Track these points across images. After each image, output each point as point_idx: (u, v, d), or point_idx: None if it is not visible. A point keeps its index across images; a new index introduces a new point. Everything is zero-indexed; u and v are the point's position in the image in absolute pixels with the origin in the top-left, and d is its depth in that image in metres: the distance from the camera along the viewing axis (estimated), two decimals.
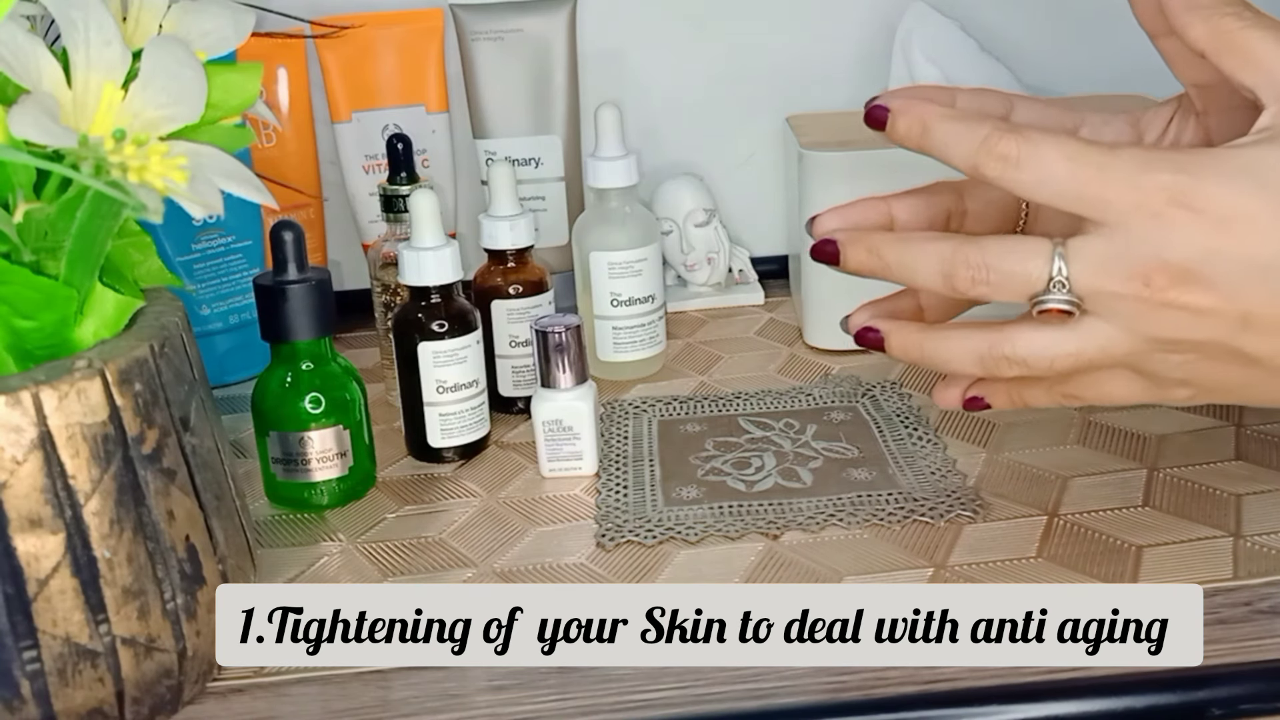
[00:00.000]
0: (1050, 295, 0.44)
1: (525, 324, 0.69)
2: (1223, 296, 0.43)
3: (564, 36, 0.81)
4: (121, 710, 0.43)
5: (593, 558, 0.55)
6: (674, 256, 0.86)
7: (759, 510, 0.58)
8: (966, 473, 0.60)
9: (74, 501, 0.41)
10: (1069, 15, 0.89)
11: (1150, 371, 0.46)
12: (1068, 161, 0.43)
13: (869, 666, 0.46)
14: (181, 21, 0.47)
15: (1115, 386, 0.47)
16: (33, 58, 0.41)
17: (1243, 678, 0.45)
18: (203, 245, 0.76)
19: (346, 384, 0.61)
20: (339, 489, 0.61)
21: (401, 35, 0.82)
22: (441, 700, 0.46)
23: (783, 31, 0.89)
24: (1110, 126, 0.52)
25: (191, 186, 0.41)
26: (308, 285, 0.59)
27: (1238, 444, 0.61)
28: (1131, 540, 0.53)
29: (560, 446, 0.62)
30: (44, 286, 0.42)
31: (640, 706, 0.45)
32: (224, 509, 0.47)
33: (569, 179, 0.82)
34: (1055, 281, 0.44)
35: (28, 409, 0.40)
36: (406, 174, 0.69)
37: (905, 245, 0.47)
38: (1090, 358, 0.45)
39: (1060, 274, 0.44)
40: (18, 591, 0.40)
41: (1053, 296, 0.44)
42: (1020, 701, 0.44)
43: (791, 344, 0.79)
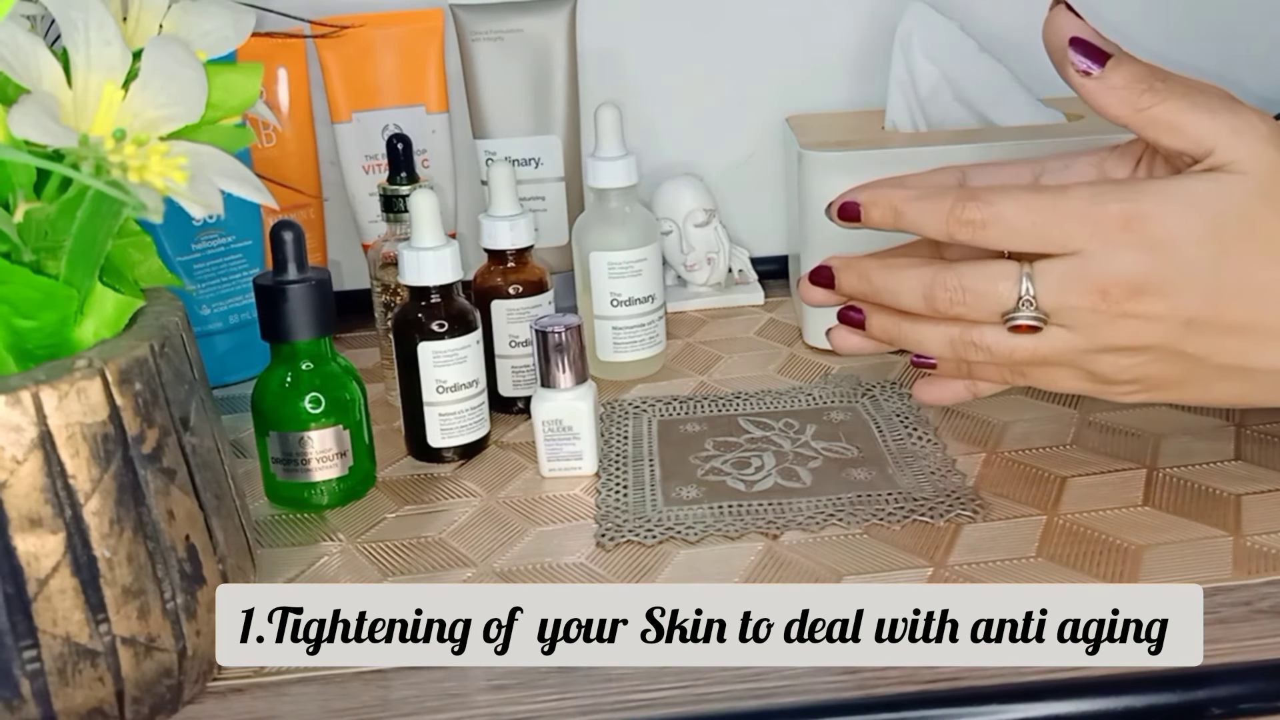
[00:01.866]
0: (1019, 313, 0.50)
1: (525, 324, 0.69)
2: (1169, 304, 0.49)
3: (564, 36, 0.81)
4: (121, 710, 0.43)
5: (593, 558, 0.55)
6: (674, 256, 0.86)
7: (759, 510, 0.58)
8: (966, 473, 0.60)
9: (74, 501, 0.41)
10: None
11: (1099, 373, 0.52)
12: (1026, 212, 0.50)
13: (869, 666, 0.46)
14: (181, 21, 0.47)
15: (1064, 379, 0.53)
16: (33, 57, 0.41)
17: (1243, 678, 0.45)
18: (203, 245, 0.76)
19: (346, 384, 0.61)
20: (339, 489, 0.61)
21: (401, 35, 0.82)
22: (441, 700, 0.46)
23: (783, 31, 0.89)
24: (1071, 170, 0.57)
25: (191, 186, 0.41)
26: (308, 285, 0.59)
27: (1238, 444, 0.61)
28: (1131, 540, 0.53)
29: (560, 446, 0.62)
30: (44, 286, 0.42)
31: (640, 706, 0.45)
32: (224, 509, 0.47)
33: (569, 179, 0.82)
34: (1023, 300, 0.50)
35: (28, 408, 0.40)
36: (406, 174, 0.69)
37: (889, 272, 0.53)
38: (1045, 355, 0.51)
39: (1028, 293, 0.50)
40: (18, 591, 0.40)
41: (1022, 314, 0.50)
42: (1020, 701, 0.44)
43: (791, 344, 0.79)
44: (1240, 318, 0.49)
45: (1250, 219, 0.49)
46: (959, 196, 0.51)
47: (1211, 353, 0.50)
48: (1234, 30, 0.91)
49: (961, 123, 0.78)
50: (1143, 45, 0.57)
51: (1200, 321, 0.49)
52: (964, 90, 0.79)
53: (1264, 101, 0.86)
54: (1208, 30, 0.90)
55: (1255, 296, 0.49)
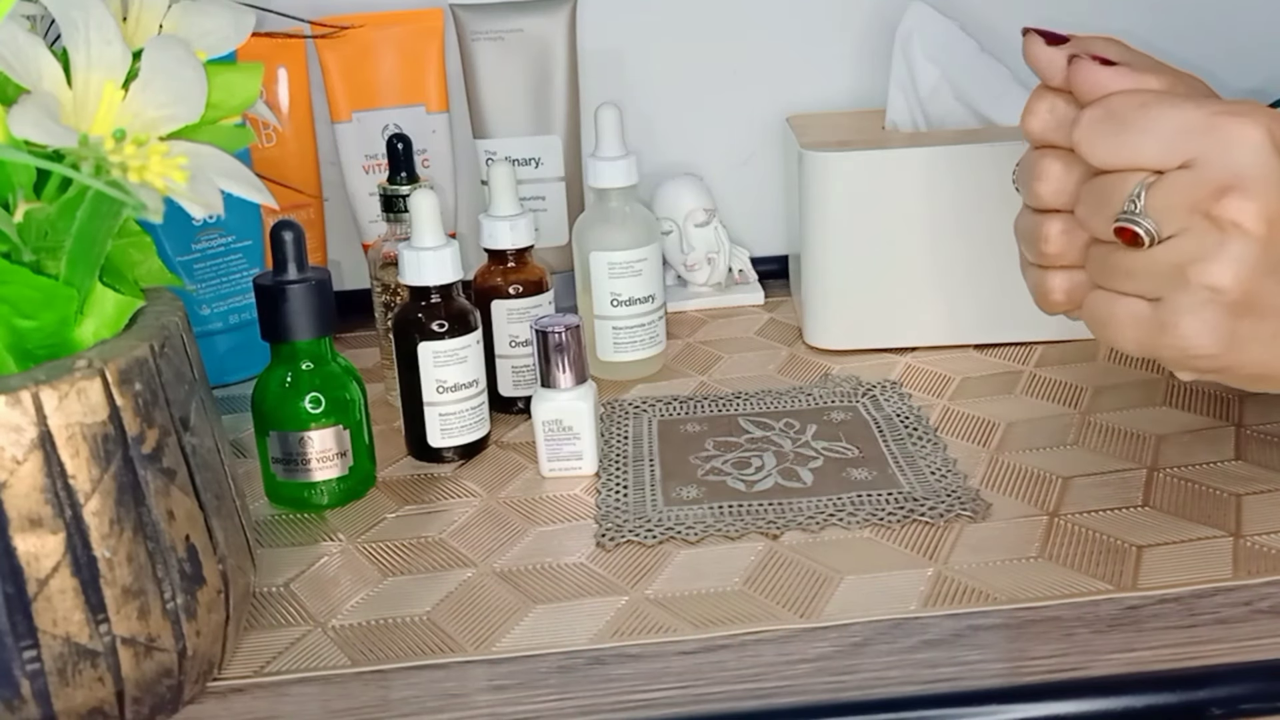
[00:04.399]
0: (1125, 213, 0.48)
1: (525, 324, 0.69)
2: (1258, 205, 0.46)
3: (564, 36, 0.81)
4: (122, 710, 0.43)
5: (593, 558, 0.55)
6: (674, 256, 0.86)
7: (759, 510, 0.58)
8: (966, 473, 0.60)
9: (74, 501, 0.41)
10: (1068, 15, 0.89)
11: (1178, 308, 0.47)
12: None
13: (869, 666, 0.46)
14: (182, 21, 0.47)
15: (1136, 315, 0.49)
16: (33, 57, 0.41)
17: (1243, 678, 0.45)
18: (203, 245, 0.76)
19: (346, 384, 0.61)
20: (339, 489, 0.61)
21: (401, 35, 0.82)
22: (441, 700, 0.46)
23: (783, 31, 0.89)
24: None
25: (192, 186, 0.41)
26: (308, 285, 0.59)
27: (1238, 444, 0.61)
28: (1131, 540, 0.53)
29: (560, 446, 0.62)
30: (44, 286, 0.42)
31: (640, 706, 0.45)
32: (224, 509, 0.47)
33: (569, 179, 0.82)
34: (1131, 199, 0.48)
35: (28, 409, 0.40)
36: (406, 174, 0.69)
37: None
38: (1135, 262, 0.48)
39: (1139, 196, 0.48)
40: (18, 591, 0.40)
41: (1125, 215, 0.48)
42: (1020, 701, 0.44)
43: (791, 344, 0.79)
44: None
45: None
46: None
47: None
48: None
49: (962, 122, 0.78)
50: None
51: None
52: (964, 90, 0.78)
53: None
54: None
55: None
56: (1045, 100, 0.52)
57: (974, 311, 0.75)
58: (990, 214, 0.70)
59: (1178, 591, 0.50)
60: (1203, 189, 0.46)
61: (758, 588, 0.52)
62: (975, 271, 0.73)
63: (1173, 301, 0.47)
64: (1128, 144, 0.48)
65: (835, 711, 0.45)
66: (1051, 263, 0.52)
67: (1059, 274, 0.52)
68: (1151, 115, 0.47)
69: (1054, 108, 0.52)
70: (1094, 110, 0.49)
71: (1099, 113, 0.49)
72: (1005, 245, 0.57)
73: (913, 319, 0.75)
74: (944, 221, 0.73)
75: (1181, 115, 0.47)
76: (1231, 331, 0.47)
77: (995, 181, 0.68)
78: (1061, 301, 0.53)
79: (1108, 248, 0.49)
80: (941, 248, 0.73)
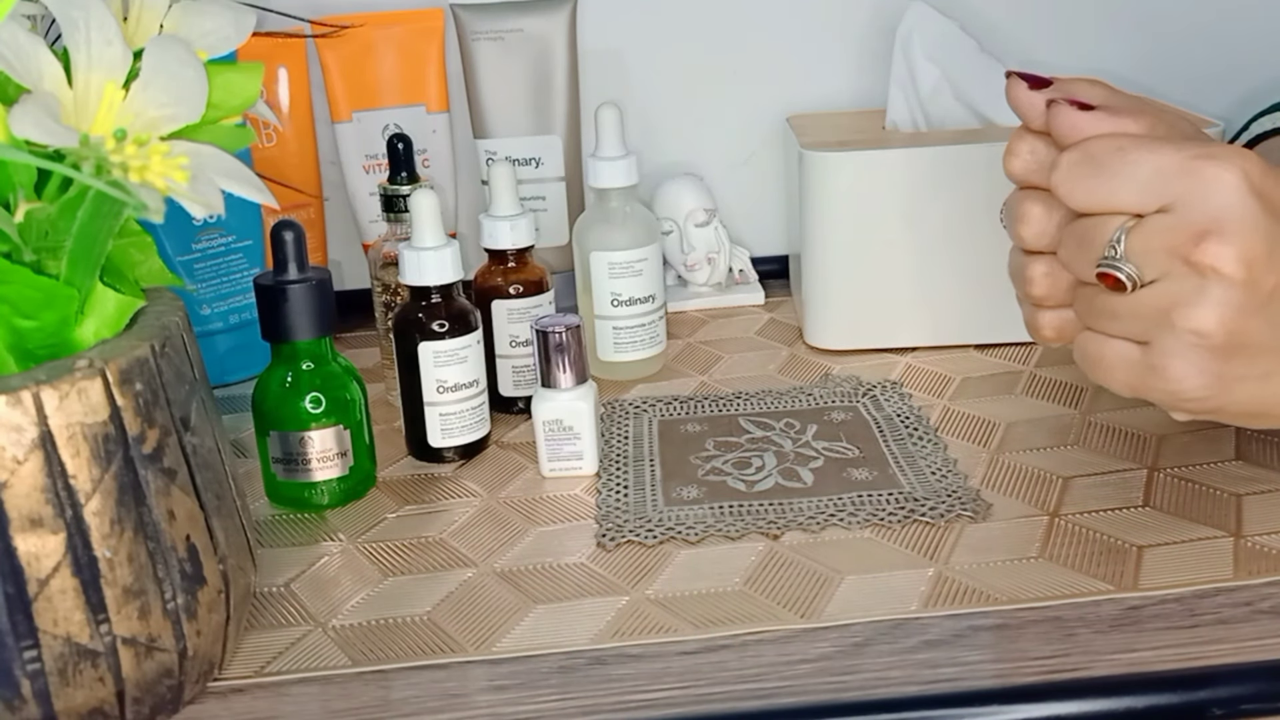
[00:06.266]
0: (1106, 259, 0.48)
1: (525, 324, 0.69)
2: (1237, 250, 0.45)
3: (564, 36, 0.81)
4: (122, 710, 0.43)
5: (593, 558, 0.55)
6: (674, 256, 0.86)
7: (759, 510, 0.58)
8: (967, 473, 0.60)
9: (74, 501, 0.40)
10: (1069, 15, 0.89)
11: (1166, 350, 0.47)
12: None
13: (870, 666, 0.46)
14: (182, 21, 0.47)
15: (1125, 357, 0.48)
16: (34, 57, 0.41)
17: (1243, 678, 0.45)
18: (203, 245, 0.76)
19: (347, 384, 0.61)
20: (339, 489, 0.61)
21: (402, 35, 0.82)
22: (441, 700, 0.46)
23: (783, 32, 0.89)
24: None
25: (192, 186, 0.41)
26: (308, 285, 0.59)
27: (1238, 444, 0.61)
28: (1132, 540, 0.53)
29: (560, 446, 0.62)
30: (45, 286, 0.42)
31: (640, 706, 0.45)
32: (224, 509, 0.47)
33: (569, 179, 0.82)
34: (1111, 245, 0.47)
35: (28, 408, 0.40)
36: (407, 174, 0.69)
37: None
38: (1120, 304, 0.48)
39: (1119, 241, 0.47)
40: (18, 591, 0.40)
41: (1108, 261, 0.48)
42: (1021, 702, 0.44)
43: (791, 344, 0.79)
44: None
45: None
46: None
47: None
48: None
49: (962, 122, 0.78)
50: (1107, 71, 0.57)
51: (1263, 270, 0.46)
52: (964, 90, 0.79)
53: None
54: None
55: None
56: (1026, 142, 0.52)
57: (974, 311, 0.75)
58: (990, 214, 0.70)
59: (1179, 592, 0.50)
60: (1181, 234, 0.46)
61: (758, 588, 0.52)
62: (975, 272, 0.73)
63: (1160, 345, 0.47)
64: (1104, 188, 0.47)
65: (836, 712, 0.45)
66: (1039, 303, 0.53)
67: (1048, 313, 0.53)
68: (1129, 159, 0.47)
69: (1035, 150, 0.51)
70: (1071, 154, 0.48)
71: (1076, 156, 0.48)
72: (1005, 246, 0.57)
73: (913, 319, 0.75)
74: (944, 222, 0.73)
75: (1158, 159, 0.47)
76: (1220, 374, 0.47)
77: (995, 182, 0.68)
78: (1052, 337, 0.53)
79: (1093, 289, 0.49)
80: (942, 248, 0.73)
